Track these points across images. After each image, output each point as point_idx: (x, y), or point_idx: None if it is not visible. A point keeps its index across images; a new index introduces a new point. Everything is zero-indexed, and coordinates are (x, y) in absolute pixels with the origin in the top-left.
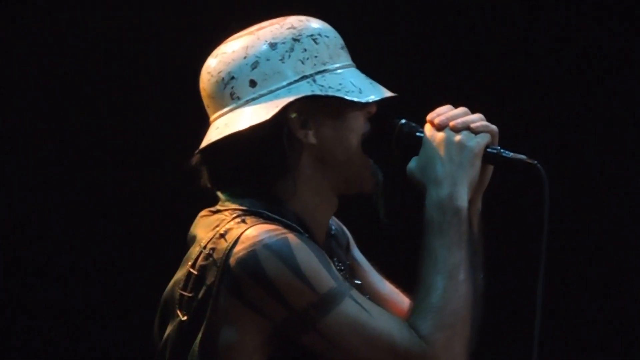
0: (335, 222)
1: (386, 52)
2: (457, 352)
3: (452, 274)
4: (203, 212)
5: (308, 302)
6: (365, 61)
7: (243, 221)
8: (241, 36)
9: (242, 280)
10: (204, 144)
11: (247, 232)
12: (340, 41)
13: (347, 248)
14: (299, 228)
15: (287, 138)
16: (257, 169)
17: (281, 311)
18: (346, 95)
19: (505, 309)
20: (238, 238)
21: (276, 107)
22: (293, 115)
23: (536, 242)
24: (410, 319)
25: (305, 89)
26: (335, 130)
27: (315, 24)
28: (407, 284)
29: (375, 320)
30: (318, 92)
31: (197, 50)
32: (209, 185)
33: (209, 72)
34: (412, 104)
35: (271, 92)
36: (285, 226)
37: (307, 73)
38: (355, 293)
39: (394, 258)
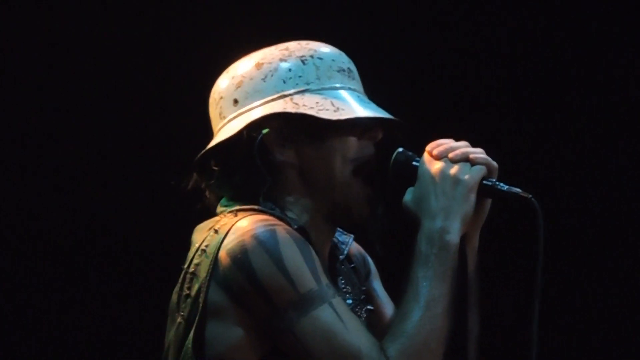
0: (357, 251)
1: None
2: None
3: (430, 305)
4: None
5: (288, 301)
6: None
7: (235, 215)
8: (240, 59)
9: (229, 271)
10: (193, 164)
11: (239, 223)
12: (340, 65)
13: (367, 277)
14: (290, 221)
15: (259, 154)
16: (240, 185)
17: (263, 307)
18: (318, 113)
19: (501, 342)
20: (229, 230)
21: (244, 123)
22: (265, 131)
23: (531, 275)
24: (382, 340)
25: (278, 107)
26: (317, 150)
27: (314, 46)
28: None
29: (349, 332)
30: (289, 110)
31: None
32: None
33: (210, 96)
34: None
35: (249, 110)
36: (277, 218)
37: (287, 92)
38: (337, 301)
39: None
